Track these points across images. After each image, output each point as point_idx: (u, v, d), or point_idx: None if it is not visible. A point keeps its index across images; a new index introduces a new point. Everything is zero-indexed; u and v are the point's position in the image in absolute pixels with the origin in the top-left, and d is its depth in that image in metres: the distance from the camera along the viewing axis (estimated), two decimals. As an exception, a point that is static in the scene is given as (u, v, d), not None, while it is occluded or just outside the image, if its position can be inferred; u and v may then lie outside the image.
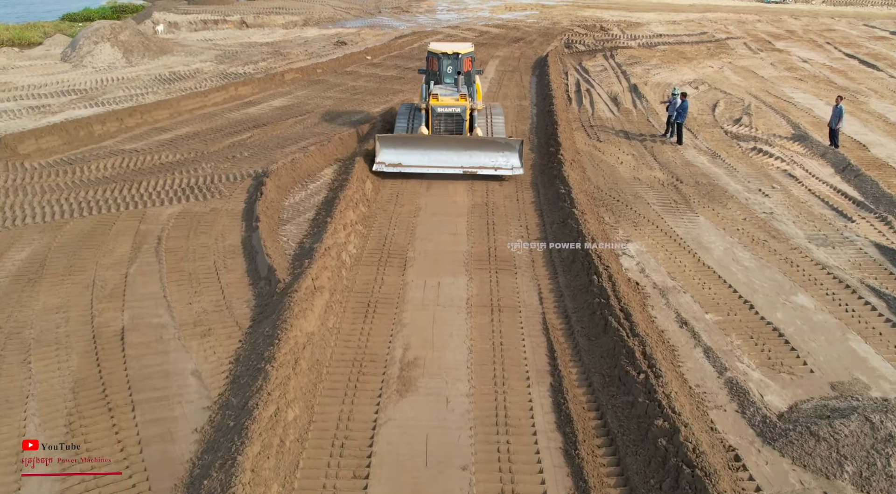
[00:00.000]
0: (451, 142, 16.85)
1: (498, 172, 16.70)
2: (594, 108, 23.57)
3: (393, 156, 16.90)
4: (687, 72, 29.53)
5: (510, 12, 50.24)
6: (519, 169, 16.71)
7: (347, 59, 31.52)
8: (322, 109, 23.31)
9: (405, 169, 16.73)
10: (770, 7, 53.24)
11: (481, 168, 16.66)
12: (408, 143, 16.95)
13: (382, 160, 16.82)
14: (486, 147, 16.88)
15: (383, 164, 16.75)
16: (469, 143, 16.92)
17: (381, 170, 16.75)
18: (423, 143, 16.92)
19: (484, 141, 17.01)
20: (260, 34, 38.51)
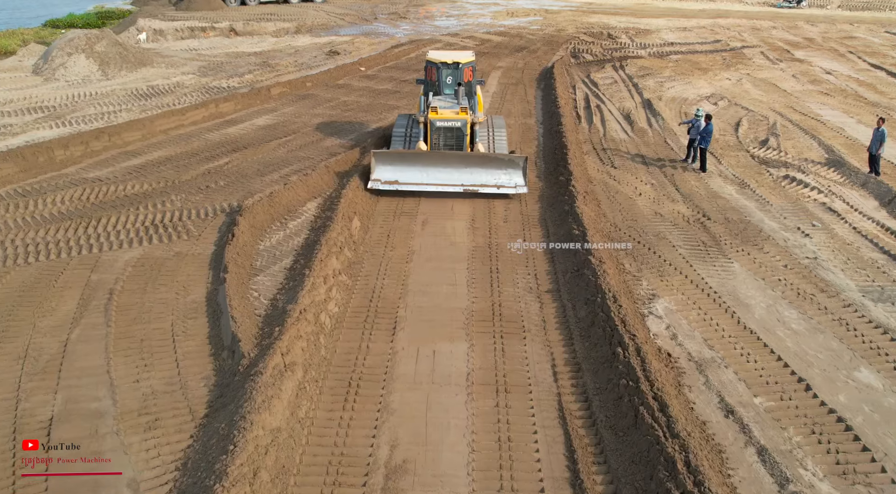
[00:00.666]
0: (451, 158, 16.05)
1: (501, 191, 15.89)
2: (606, 128, 21.93)
3: (389, 173, 16.09)
4: (703, 85, 27.90)
5: (512, 18, 48.71)
6: (523, 187, 15.91)
7: (339, 70, 29.93)
8: (309, 129, 21.67)
9: (402, 186, 15.95)
10: (783, 12, 51.71)
11: (483, 186, 15.90)
12: (405, 160, 16.16)
13: (378, 177, 16.02)
14: (489, 164, 16.09)
15: (378, 182, 15.95)
16: (470, 160, 16.13)
17: (376, 188, 15.91)
18: (421, 160, 16.13)
19: (486, 157, 16.20)
20: (249, 43, 36.94)
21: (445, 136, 16.68)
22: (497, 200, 16.12)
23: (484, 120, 18.10)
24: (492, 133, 17.90)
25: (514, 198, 16.23)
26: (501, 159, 16.08)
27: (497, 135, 17.89)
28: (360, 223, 14.52)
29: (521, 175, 16.00)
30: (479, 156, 16.29)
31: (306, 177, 16.26)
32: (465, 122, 16.49)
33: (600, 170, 18.01)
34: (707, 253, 13.36)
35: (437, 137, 16.70)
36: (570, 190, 15.60)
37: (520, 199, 16.19)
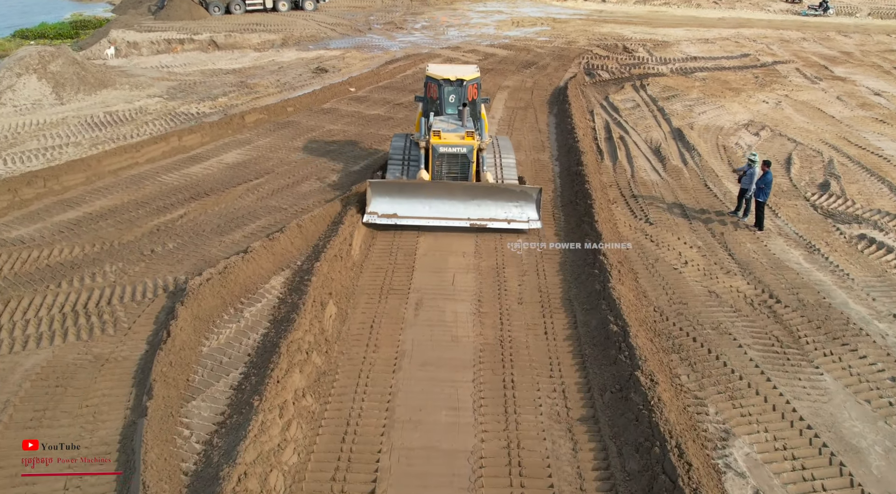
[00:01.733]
0: (457, 189, 14.88)
1: (512, 226, 14.75)
2: (633, 166, 19.08)
3: (387, 206, 14.91)
4: (738, 109, 25.08)
5: (518, 28, 46.01)
6: (537, 222, 14.77)
7: (326, 91, 27.13)
8: (285, 168, 18.86)
9: (401, 220, 14.80)
10: (811, 21, 49.01)
11: (492, 221, 14.78)
12: (404, 191, 14.93)
13: (374, 210, 14.86)
14: (498, 196, 14.91)
15: (375, 215, 14.80)
16: (477, 191, 14.91)
17: (372, 222, 14.74)
18: (422, 191, 14.91)
19: (495, 189, 14.96)
20: (228, 58, 34.19)
21: (449, 164, 15.35)
22: (509, 272, 13.27)
23: (489, 142, 16.64)
24: (498, 158, 16.61)
25: (528, 269, 13.39)
26: (513, 191, 14.82)
27: (504, 161, 16.56)
28: (337, 309, 11.65)
29: (535, 208, 14.81)
30: (488, 187, 14.97)
31: (272, 243, 13.40)
32: (471, 149, 15.11)
33: (633, 226, 15.15)
34: (785, 356, 10.49)
35: (439, 164, 15.33)
36: (600, 262, 12.74)
37: (538, 270, 13.35)
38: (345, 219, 14.41)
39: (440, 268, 13.44)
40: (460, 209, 14.87)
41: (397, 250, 14.17)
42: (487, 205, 14.91)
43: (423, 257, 13.89)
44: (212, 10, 47.87)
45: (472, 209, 14.89)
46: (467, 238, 14.77)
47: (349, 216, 14.58)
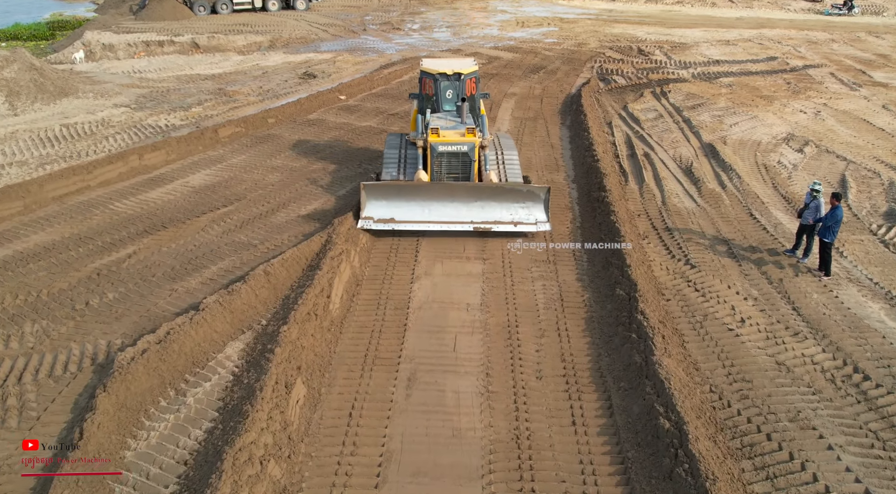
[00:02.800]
0: (459, 190, 14.13)
1: (518, 229, 14.07)
2: (663, 190, 16.72)
3: (383, 210, 14.11)
4: (773, 120, 22.74)
5: (523, 29, 43.70)
6: (545, 224, 14.06)
7: (313, 100, 24.80)
8: (259, 193, 16.53)
9: (399, 225, 13.98)
10: (836, 21, 46.70)
11: (497, 223, 14.06)
12: (402, 193, 14.14)
13: (370, 214, 14.05)
14: (503, 196, 14.18)
15: (370, 220, 13.97)
16: (481, 192, 14.18)
17: (367, 228, 13.91)
18: (421, 193, 14.12)
19: (500, 189, 14.23)
20: (207, 62, 31.87)
21: (449, 163, 14.61)
22: (524, 332, 10.91)
23: (491, 140, 15.99)
24: (501, 156, 15.87)
25: (547, 327, 11.03)
26: (519, 191, 14.07)
27: (508, 158, 15.81)
28: (307, 389, 9.29)
29: (543, 209, 14.09)
30: (492, 187, 14.23)
31: (230, 298, 11.04)
32: (472, 146, 14.40)
33: (672, 269, 12.79)
34: (892, 463, 8.10)
35: (438, 164, 14.59)
36: (636, 320, 10.39)
37: (559, 329, 11.00)
38: (323, 264, 12.06)
39: (438, 327, 11.09)
40: (463, 211, 14.04)
41: (386, 301, 11.83)
42: (492, 207, 14.10)
43: (417, 311, 11.55)
44: (196, 10, 45.73)
45: (476, 211, 14.07)
46: (472, 283, 12.43)
47: (330, 258, 12.23)
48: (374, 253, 13.63)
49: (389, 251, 13.76)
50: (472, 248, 13.88)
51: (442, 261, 13.35)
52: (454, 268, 13.08)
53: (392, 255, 13.57)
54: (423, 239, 14.21)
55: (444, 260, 13.39)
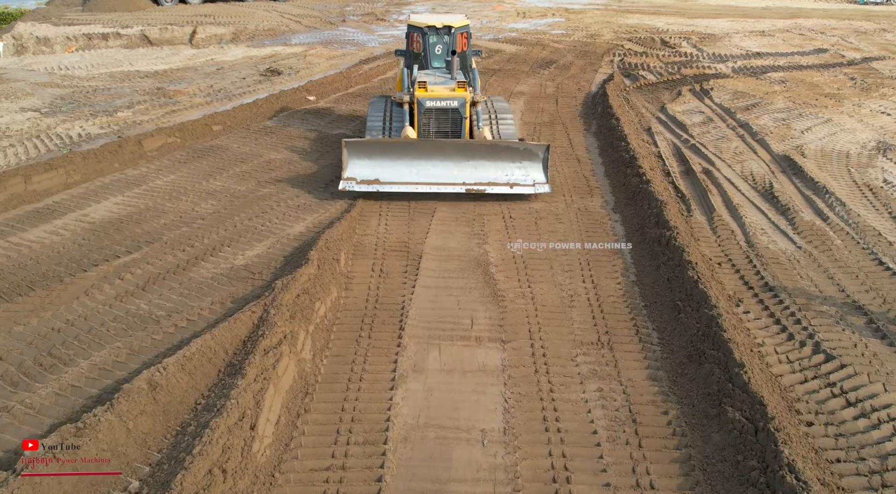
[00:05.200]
0: (450, 148, 13.37)
1: (515, 191, 13.28)
2: (743, 224, 12.46)
3: (367, 169, 13.34)
4: (852, 123, 18.60)
5: (525, 20, 39.53)
6: (544, 185, 13.30)
7: (274, 101, 20.46)
8: (183, 232, 12.20)
9: (384, 187, 13.17)
10: (876, 10, 42.85)
11: (491, 185, 13.24)
12: (388, 151, 13.38)
13: (352, 175, 13.29)
14: (498, 155, 13.36)
15: (353, 181, 13.22)
16: (474, 150, 13.40)
17: (350, 189, 13.18)
18: (408, 151, 13.35)
19: (495, 147, 13.43)
20: (152, 58, 27.45)
21: (438, 120, 14.06)
22: None
23: (483, 100, 15.28)
24: (495, 117, 15.32)
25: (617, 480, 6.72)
26: (515, 148, 13.35)
27: (502, 120, 15.21)
28: None
29: (542, 169, 13.42)
30: (486, 144, 13.48)
31: (80, 439, 6.64)
32: (463, 102, 13.86)
33: (795, 359, 8.50)
34: None
35: (426, 121, 14.04)
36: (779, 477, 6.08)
37: (639, 488, 6.64)
38: (248, 366, 7.70)
39: (436, 484, 6.74)
40: (454, 172, 13.31)
41: (350, 429, 7.46)
42: (485, 167, 13.36)
43: (400, 448, 7.21)
44: (163, 0, 41.69)
45: (468, 171, 13.33)
46: (487, 388, 8.12)
47: (261, 353, 7.87)
48: (338, 332, 9.29)
49: (360, 326, 9.43)
50: (484, 318, 9.59)
51: (440, 346, 9.04)
52: (458, 359, 8.77)
53: (364, 333, 9.24)
54: (412, 300, 9.92)
55: (444, 343, 9.08)
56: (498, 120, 15.23)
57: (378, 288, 10.42)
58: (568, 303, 10.01)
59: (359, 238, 12.08)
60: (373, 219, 12.82)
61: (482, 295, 10.23)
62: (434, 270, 10.96)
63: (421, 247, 11.73)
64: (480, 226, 12.53)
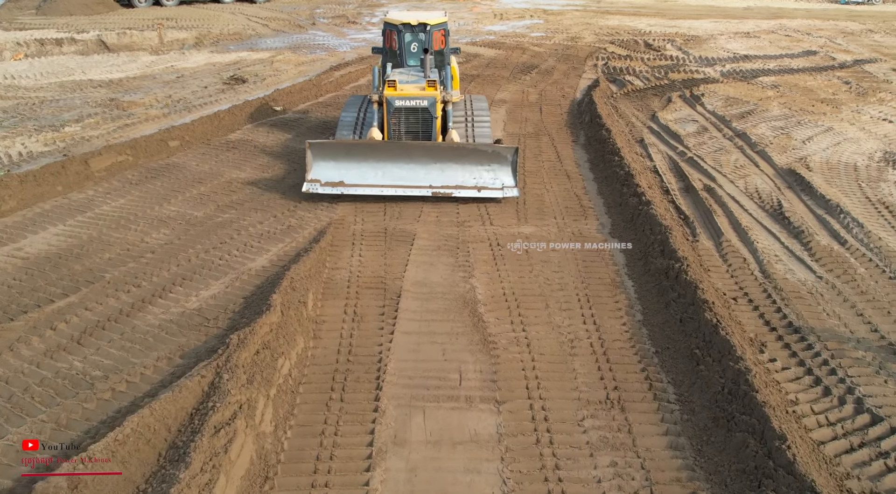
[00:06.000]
0: (416, 150, 13.09)
1: (483, 194, 12.96)
2: (755, 250, 11.41)
3: (332, 171, 13.10)
4: (855, 132, 17.73)
5: (503, 22, 38.48)
6: (513, 189, 13.02)
7: (238, 112, 19.13)
8: (130, 269, 10.87)
9: (348, 189, 12.96)
10: (859, 10, 42.45)
11: (459, 188, 12.99)
12: (353, 153, 13.12)
13: (316, 177, 13.07)
14: (466, 158, 13.08)
15: (317, 183, 13.02)
16: (441, 153, 13.12)
17: (314, 191, 12.95)
18: (374, 153, 13.10)
19: (462, 149, 13.10)
20: (108, 65, 25.92)
21: (407, 120, 13.79)
22: None
23: (459, 99, 15.41)
24: (471, 117, 15.04)
25: None
26: (483, 151, 13.07)
27: (478, 120, 15.00)
28: None
29: (510, 172, 13.12)
30: (453, 147, 13.21)
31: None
32: (433, 101, 13.53)
33: (839, 421, 7.40)
34: None
35: (396, 121, 13.77)
36: None
37: None
38: (199, 445, 6.43)
39: None
40: (420, 174, 13.10)
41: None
42: (453, 170, 13.15)
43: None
44: (136, 3, 40.29)
45: (435, 174, 13.13)
46: (482, 464, 6.94)
47: (209, 432, 6.60)
48: (304, 394, 8.03)
49: (331, 385, 8.18)
50: (474, 371, 8.40)
51: (424, 409, 7.83)
52: (447, 426, 7.55)
53: (335, 395, 8.00)
54: (391, 351, 8.72)
55: (428, 406, 7.87)
56: (474, 120, 14.94)
57: (351, 335, 9.18)
58: (569, 351, 8.85)
59: (329, 273, 10.83)
60: (345, 250, 11.58)
61: (471, 341, 9.04)
62: (415, 311, 9.75)
63: (399, 282, 10.52)
64: (465, 256, 11.35)
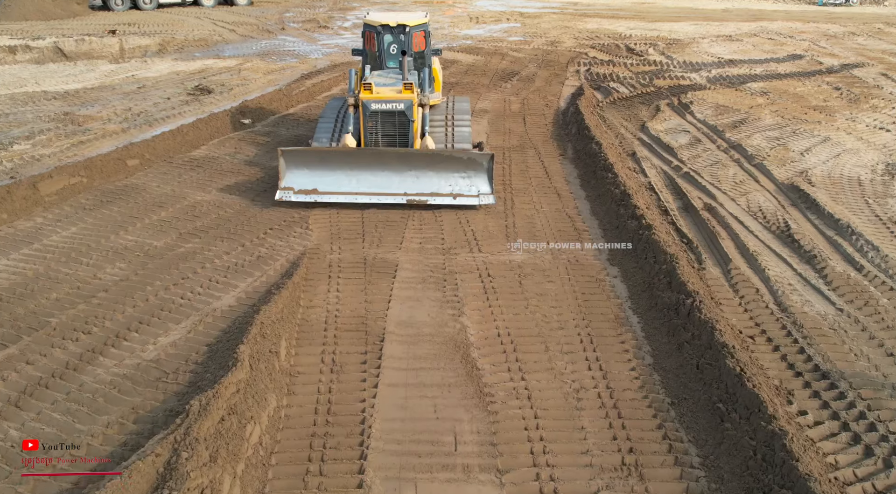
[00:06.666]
0: (391, 158, 13.03)
1: (458, 202, 12.91)
2: (766, 278, 10.62)
3: (305, 179, 13.01)
4: (851, 142, 17.12)
5: (479, 25, 37.66)
6: (489, 196, 12.95)
7: (203, 126, 18.00)
8: (79, 312, 9.79)
9: (322, 197, 12.88)
10: (837, 12, 42.31)
11: (434, 195, 12.94)
12: (326, 161, 13.09)
13: (290, 184, 12.95)
14: (441, 165, 12.99)
15: (290, 191, 12.88)
16: (415, 160, 13.05)
17: (287, 199, 12.83)
18: (348, 160, 13.04)
19: (437, 156, 13.03)
20: (64, 74, 24.58)
21: (384, 124, 13.44)
22: None
23: (441, 102, 15.57)
24: (451, 119, 14.87)
25: None
26: (459, 158, 12.92)
27: (458, 123, 14.80)
28: None
29: (487, 179, 13.00)
30: (428, 154, 13.05)
31: None
32: (409, 104, 13.18)
33: (889, 492, 6.56)
34: None
35: (372, 125, 13.42)
36: None
37: None
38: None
39: None
40: (395, 182, 13.05)
41: None
42: (428, 177, 13.08)
43: None
44: (113, 5, 39.08)
45: (410, 182, 13.06)
46: None
47: None
48: (277, 468, 7.02)
49: (308, 454, 7.18)
50: (470, 432, 7.47)
51: (415, 482, 6.88)
52: (442, 505, 6.59)
53: (312, 467, 7.00)
54: (375, 408, 7.76)
55: (420, 478, 6.92)
56: (454, 123, 14.76)
57: (330, 389, 8.19)
58: (575, 404, 7.94)
59: (304, 312, 9.82)
60: (321, 284, 10.57)
61: (465, 394, 8.09)
62: (401, 358, 8.79)
63: (382, 323, 9.55)
64: (454, 290, 10.41)
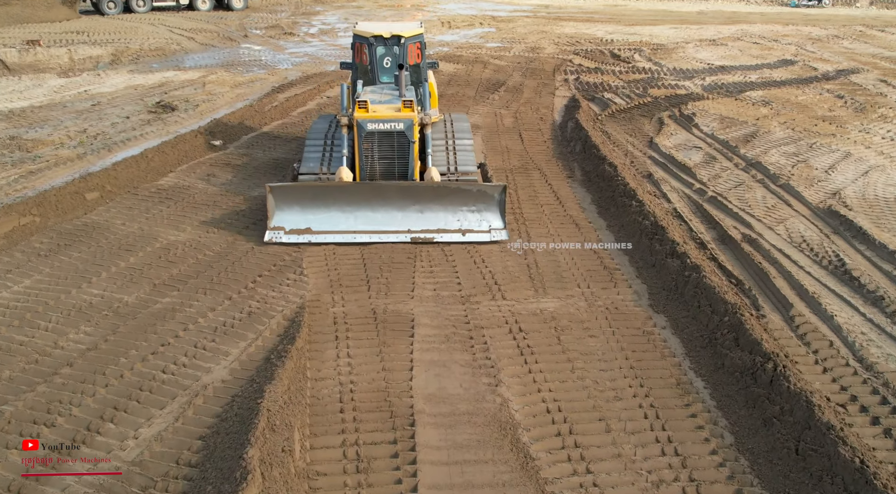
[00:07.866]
0: (392, 192, 12.02)
1: (468, 238, 11.80)
2: (838, 330, 9.45)
3: (297, 217, 11.87)
4: (874, 157, 16.29)
5: (452, 31, 36.35)
6: (501, 232, 11.94)
7: (170, 150, 16.31)
8: (35, 399, 8.14)
9: (317, 237, 11.74)
10: (812, 13, 42.16)
11: (441, 232, 11.90)
12: (320, 196, 12.00)
13: (280, 223, 11.80)
14: (448, 198, 12.01)
15: (281, 231, 11.74)
16: (420, 193, 12.05)
17: (277, 241, 11.62)
18: (344, 195, 12.00)
19: (443, 189, 12.07)
20: (8, 90, 22.48)
21: (381, 146, 12.33)
22: None
23: (439, 119, 14.27)
24: (452, 141, 13.77)
25: None
26: (467, 191, 11.94)
27: (459, 144, 13.70)
28: None
29: (499, 213, 12.03)
30: (434, 186, 12.07)
31: None
32: (409, 124, 12.10)
33: None
34: None
35: (368, 147, 12.29)
36: None
37: None
38: None
39: None
40: (397, 218, 11.93)
41: None
42: (434, 211, 12.01)
43: None
44: (105, 8, 37.02)
45: (414, 218, 11.96)
46: None
47: None
48: None
49: None
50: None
51: None
52: None
53: None
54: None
55: None
56: (455, 145, 13.74)
57: (359, 497, 6.68)
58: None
59: (313, 387, 8.30)
60: (328, 348, 9.07)
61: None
62: (439, 448, 7.34)
63: (408, 398, 8.09)
64: (484, 351, 9.01)
